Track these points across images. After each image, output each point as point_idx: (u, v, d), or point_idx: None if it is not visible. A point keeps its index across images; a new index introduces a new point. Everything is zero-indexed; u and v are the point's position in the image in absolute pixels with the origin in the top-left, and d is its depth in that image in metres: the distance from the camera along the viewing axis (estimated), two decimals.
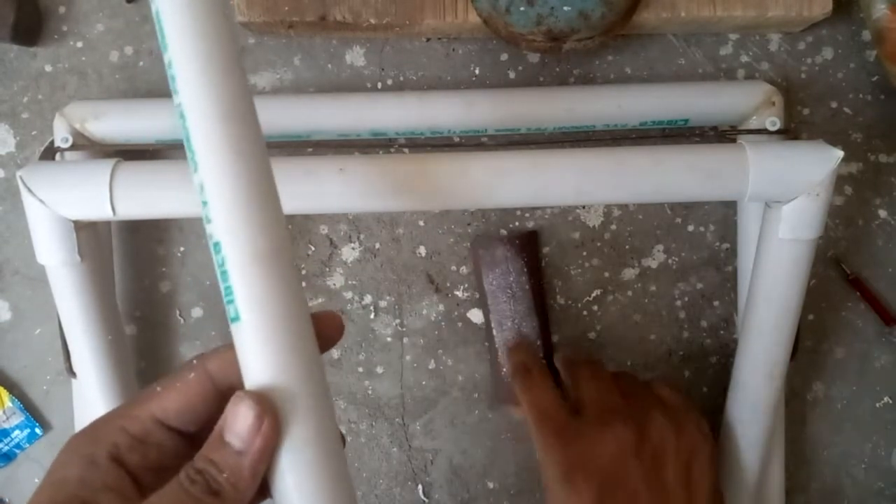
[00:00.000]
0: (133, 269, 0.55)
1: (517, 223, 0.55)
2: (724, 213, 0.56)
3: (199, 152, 0.27)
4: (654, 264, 0.56)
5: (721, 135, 0.52)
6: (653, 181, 0.44)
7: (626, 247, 0.56)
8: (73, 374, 0.50)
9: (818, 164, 0.43)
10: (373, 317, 0.56)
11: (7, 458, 0.56)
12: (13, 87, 0.54)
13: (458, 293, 0.56)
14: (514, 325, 0.52)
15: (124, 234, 0.55)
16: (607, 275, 0.56)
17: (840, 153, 0.44)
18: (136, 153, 0.53)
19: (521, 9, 0.45)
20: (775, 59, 0.54)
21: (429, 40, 0.54)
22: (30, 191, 0.43)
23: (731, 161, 0.44)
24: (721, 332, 0.56)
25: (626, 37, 0.54)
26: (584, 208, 0.56)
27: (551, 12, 0.45)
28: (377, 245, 0.55)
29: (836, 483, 0.57)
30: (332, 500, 0.26)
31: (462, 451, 0.57)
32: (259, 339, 0.26)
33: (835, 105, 0.55)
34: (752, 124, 0.51)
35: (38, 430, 0.55)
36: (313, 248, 0.55)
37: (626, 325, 0.56)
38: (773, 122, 0.49)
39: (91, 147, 0.50)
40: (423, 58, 0.54)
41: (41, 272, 0.48)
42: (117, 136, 0.50)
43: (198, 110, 0.27)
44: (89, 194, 0.43)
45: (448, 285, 0.56)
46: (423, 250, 0.55)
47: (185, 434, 0.28)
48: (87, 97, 0.54)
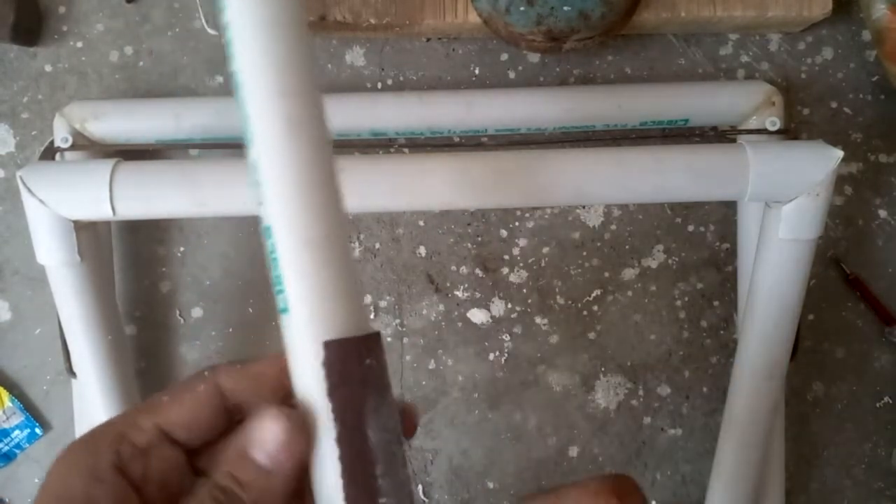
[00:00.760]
0: (133, 269, 0.55)
1: (517, 223, 0.55)
2: (724, 213, 0.56)
3: (256, 127, 0.25)
4: (654, 264, 0.56)
5: (721, 135, 0.52)
6: (653, 181, 0.44)
7: (626, 247, 0.56)
8: (73, 374, 0.50)
9: (818, 164, 0.43)
10: (373, 317, 0.56)
11: (7, 458, 0.56)
12: (13, 87, 0.54)
13: (458, 293, 0.56)
14: None
15: (124, 234, 0.55)
16: (607, 275, 0.56)
17: (840, 153, 0.44)
18: (136, 153, 0.53)
19: (521, 9, 0.45)
20: (775, 59, 0.54)
21: (429, 40, 0.54)
22: (30, 191, 0.43)
23: (731, 161, 0.44)
24: (721, 332, 0.56)
25: (626, 37, 0.54)
26: (584, 208, 0.56)
27: (551, 12, 0.45)
28: (377, 245, 0.55)
29: (836, 483, 0.57)
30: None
31: (462, 451, 0.57)
32: (308, 333, 0.24)
33: (835, 105, 0.55)
34: (752, 124, 0.51)
35: (38, 430, 0.55)
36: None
37: (626, 325, 0.56)
38: (773, 122, 0.49)
39: (91, 147, 0.50)
40: (423, 58, 0.54)
41: (41, 272, 0.48)
42: (117, 136, 0.50)
43: (257, 80, 0.25)
44: (89, 194, 0.43)
45: (448, 285, 0.56)
46: (423, 250, 0.55)
47: (187, 447, 0.26)
48: (87, 97, 0.54)
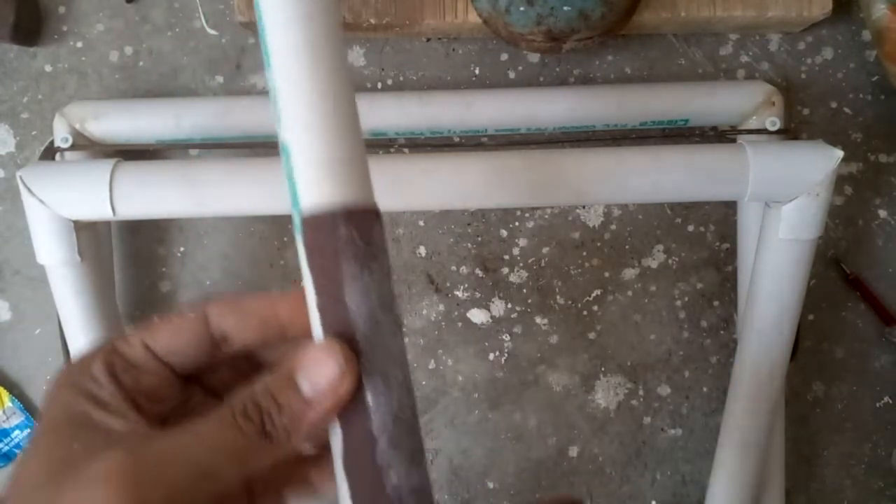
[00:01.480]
0: (133, 269, 0.55)
1: (517, 223, 0.55)
2: (724, 213, 0.56)
3: (274, 48, 0.25)
4: (654, 264, 0.56)
5: (721, 135, 0.52)
6: (653, 181, 0.44)
7: (626, 247, 0.56)
8: None
9: (818, 164, 0.43)
10: None
11: (7, 458, 0.56)
12: (13, 87, 0.54)
13: (458, 293, 0.56)
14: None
15: (124, 234, 0.55)
16: (607, 275, 0.56)
17: (840, 153, 0.44)
18: (136, 153, 0.53)
19: (521, 9, 0.45)
20: (775, 59, 0.54)
21: (429, 40, 0.54)
22: (30, 191, 0.43)
23: (731, 161, 0.44)
24: (721, 332, 0.56)
25: (626, 37, 0.54)
26: (584, 208, 0.56)
27: (551, 12, 0.45)
28: None
29: (836, 483, 0.57)
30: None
31: (462, 451, 0.57)
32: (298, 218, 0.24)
33: (835, 105, 0.55)
34: (752, 124, 0.51)
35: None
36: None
37: (626, 325, 0.56)
38: (773, 122, 0.49)
39: (91, 147, 0.50)
40: (423, 58, 0.54)
41: (41, 272, 0.48)
42: (117, 136, 0.50)
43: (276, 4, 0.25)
44: (89, 194, 0.43)
45: (448, 285, 0.56)
46: (423, 250, 0.55)
47: (178, 373, 0.27)
48: (87, 97, 0.54)
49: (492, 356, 0.56)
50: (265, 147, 0.52)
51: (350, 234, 0.24)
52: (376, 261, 0.24)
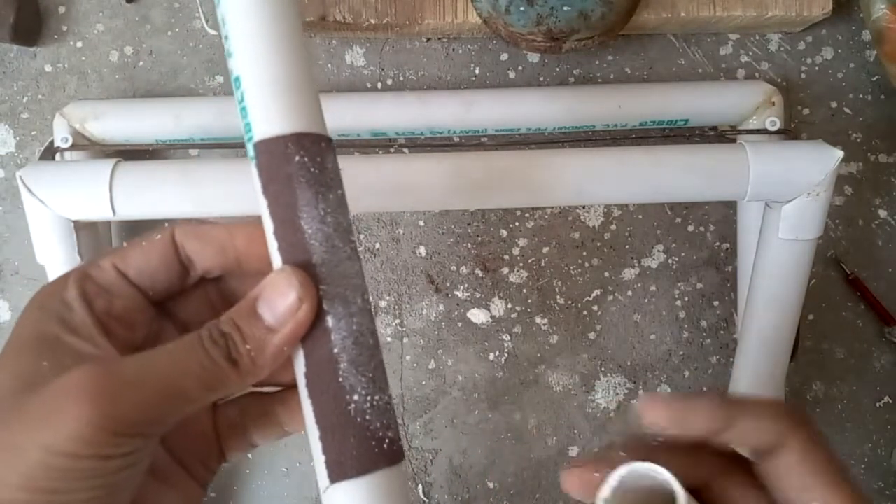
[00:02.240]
0: None
1: (517, 223, 0.55)
2: (724, 213, 0.56)
3: None
4: (654, 264, 0.56)
5: (721, 135, 0.52)
6: (653, 181, 0.44)
7: (626, 247, 0.56)
8: None
9: (818, 164, 0.43)
10: None
11: None
12: (13, 87, 0.54)
13: (458, 293, 0.56)
14: None
15: (124, 234, 0.55)
16: (607, 275, 0.56)
17: (840, 153, 0.44)
18: (136, 153, 0.53)
19: (521, 9, 0.45)
20: (775, 59, 0.54)
21: (429, 40, 0.54)
22: (30, 191, 0.43)
23: (731, 161, 0.44)
24: (721, 332, 0.56)
25: (626, 37, 0.54)
26: (584, 208, 0.56)
27: (551, 12, 0.45)
28: (377, 245, 0.55)
29: None
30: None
31: (462, 451, 0.57)
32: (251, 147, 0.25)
33: (835, 105, 0.55)
34: (752, 124, 0.51)
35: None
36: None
37: (626, 325, 0.56)
38: (773, 122, 0.49)
39: (91, 147, 0.50)
40: (423, 58, 0.54)
41: (41, 272, 0.48)
42: (117, 136, 0.50)
43: None
44: (89, 194, 0.43)
45: (448, 285, 0.56)
46: (423, 250, 0.55)
47: (150, 296, 0.27)
48: (87, 97, 0.54)
49: (492, 356, 0.56)
50: None
51: (302, 159, 0.24)
52: (330, 188, 0.24)
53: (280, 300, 0.23)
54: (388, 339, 0.56)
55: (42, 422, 0.21)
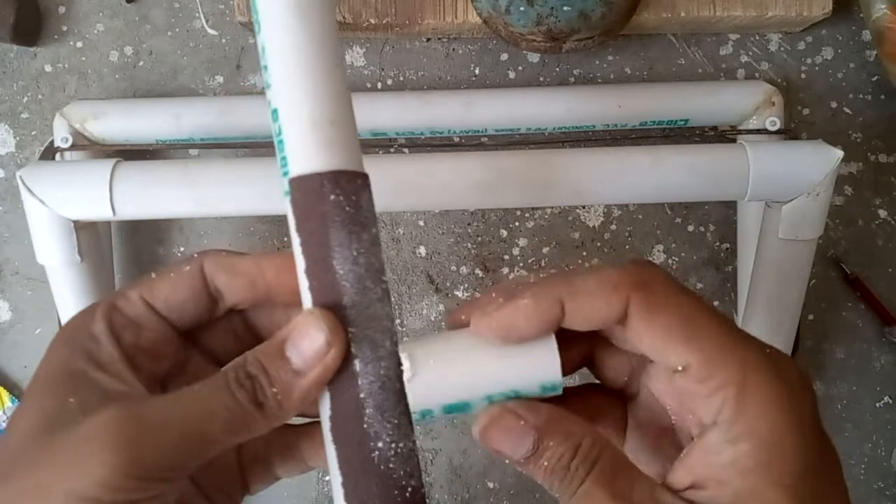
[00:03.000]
0: (133, 269, 0.55)
1: (517, 223, 0.55)
2: (724, 213, 0.56)
3: (263, 11, 0.25)
4: None
5: (721, 135, 0.52)
6: (653, 181, 0.44)
7: (626, 247, 0.56)
8: None
9: (818, 164, 0.43)
10: None
11: None
12: (13, 87, 0.54)
13: (458, 293, 0.56)
14: None
15: (124, 234, 0.55)
16: None
17: (840, 153, 0.44)
18: (136, 153, 0.53)
19: (521, 9, 0.45)
20: (775, 59, 0.54)
21: (429, 40, 0.54)
22: (30, 191, 0.43)
23: (731, 161, 0.44)
24: None
25: (626, 37, 0.54)
26: (584, 208, 0.56)
27: (551, 12, 0.45)
28: None
29: None
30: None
31: (462, 451, 0.57)
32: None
33: (835, 105, 0.55)
34: (752, 124, 0.51)
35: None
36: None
37: None
38: (773, 122, 0.49)
39: (91, 147, 0.50)
40: (423, 58, 0.54)
41: (41, 272, 0.48)
42: (117, 136, 0.50)
43: None
44: (89, 194, 0.43)
45: (448, 285, 0.56)
46: (423, 250, 0.55)
47: (177, 328, 0.27)
48: (87, 97, 0.54)
49: None
50: (265, 147, 0.52)
51: (338, 198, 0.24)
52: (365, 227, 0.24)
53: (308, 343, 0.23)
54: None
55: (68, 466, 0.21)
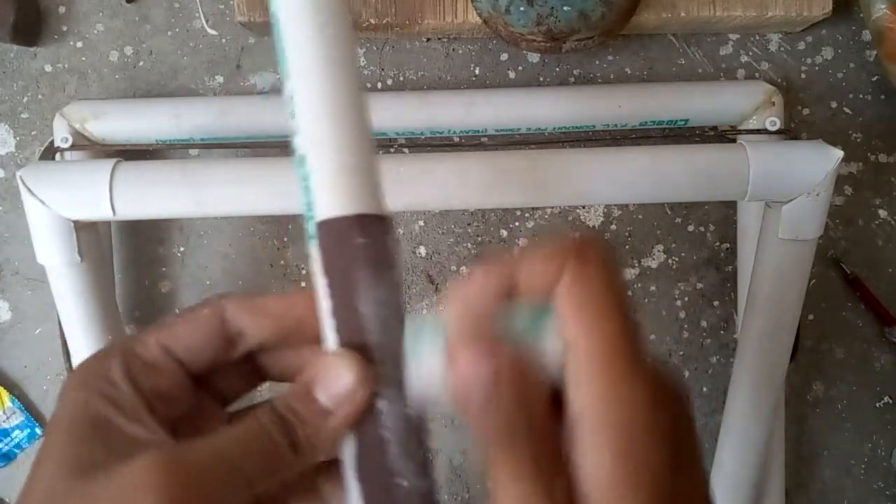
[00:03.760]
0: (133, 269, 0.55)
1: (517, 223, 0.55)
2: (724, 213, 0.56)
3: (292, 59, 0.25)
4: (654, 264, 0.56)
5: (721, 135, 0.52)
6: (653, 181, 0.44)
7: (626, 247, 0.56)
8: None
9: (818, 164, 0.43)
10: None
11: (7, 458, 0.56)
12: (13, 87, 0.54)
13: None
14: None
15: (124, 234, 0.55)
16: None
17: (840, 153, 0.44)
18: (136, 153, 0.53)
19: (521, 9, 0.45)
20: (775, 59, 0.54)
21: (429, 40, 0.54)
22: (30, 191, 0.43)
23: (731, 161, 0.44)
24: (721, 332, 0.56)
25: (626, 37, 0.54)
26: (584, 208, 0.56)
27: (551, 12, 0.45)
28: None
29: (836, 483, 0.57)
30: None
31: (462, 451, 0.57)
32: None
33: (835, 105, 0.55)
34: (752, 124, 0.51)
35: (38, 430, 0.55)
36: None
37: None
38: (773, 122, 0.49)
39: (91, 147, 0.50)
40: (423, 58, 0.54)
41: (41, 272, 0.48)
42: (117, 136, 0.50)
43: (293, 15, 0.25)
44: (89, 194, 0.43)
45: (448, 285, 0.56)
46: (423, 250, 0.55)
47: (193, 373, 0.26)
48: (87, 97, 0.54)
49: None
50: (265, 147, 0.52)
51: (365, 241, 0.24)
52: (389, 270, 0.24)
53: (337, 383, 0.23)
54: None
55: None
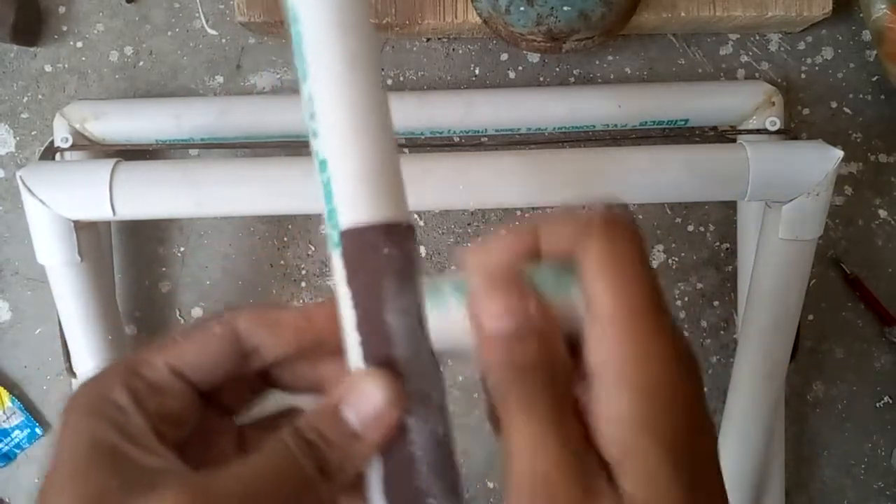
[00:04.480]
0: (133, 269, 0.55)
1: (517, 223, 0.55)
2: (724, 213, 0.56)
3: (312, 60, 0.24)
4: (654, 264, 0.56)
5: (721, 135, 0.52)
6: (653, 181, 0.44)
7: None
8: (73, 374, 0.50)
9: (818, 164, 0.43)
10: None
11: (7, 458, 0.56)
12: (13, 87, 0.54)
13: None
14: None
15: (124, 234, 0.55)
16: None
17: (840, 153, 0.44)
18: (136, 153, 0.53)
19: (521, 9, 0.45)
20: (775, 59, 0.54)
21: (429, 40, 0.54)
22: (30, 191, 0.43)
23: (731, 161, 0.44)
24: (721, 332, 0.56)
25: (626, 37, 0.54)
26: (584, 208, 0.55)
27: (551, 12, 0.45)
28: None
29: (836, 483, 0.57)
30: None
31: (462, 451, 0.57)
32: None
33: (835, 105, 0.55)
34: (752, 124, 0.51)
35: (38, 430, 0.55)
36: (313, 248, 0.55)
37: None
38: (773, 122, 0.49)
39: (91, 147, 0.50)
40: (423, 58, 0.54)
41: (41, 272, 0.48)
42: (117, 136, 0.50)
43: (312, 12, 0.24)
44: (89, 194, 0.43)
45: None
46: (422, 250, 0.55)
47: (200, 389, 0.25)
48: (87, 97, 0.54)
49: None
50: (265, 147, 0.52)
51: (391, 250, 0.23)
52: (414, 279, 0.23)
53: (367, 403, 0.22)
54: None
55: None
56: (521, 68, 0.54)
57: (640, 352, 0.21)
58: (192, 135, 0.50)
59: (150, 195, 0.44)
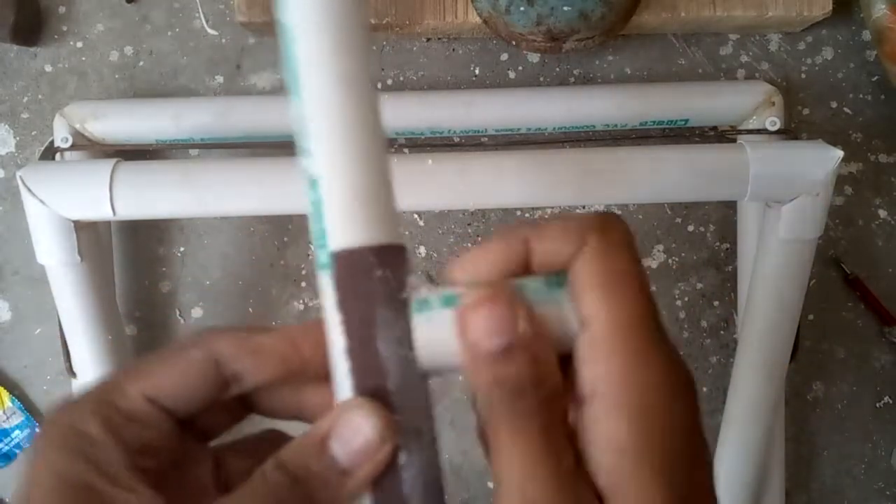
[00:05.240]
0: (133, 269, 0.55)
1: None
2: (724, 213, 0.56)
3: (304, 77, 0.23)
4: (654, 264, 0.56)
5: (721, 135, 0.52)
6: (653, 181, 0.44)
7: None
8: (73, 374, 0.50)
9: (818, 164, 0.43)
10: None
11: (7, 458, 0.56)
12: (13, 87, 0.54)
13: None
14: None
15: (124, 234, 0.55)
16: None
17: (840, 153, 0.44)
18: (136, 153, 0.53)
19: (521, 9, 0.45)
20: (775, 59, 0.54)
21: (429, 40, 0.54)
22: (30, 191, 0.43)
23: (731, 161, 0.44)
24: (721, 332, 0.56)
25: (626, 37, 0.54)
26: (584, 208, 0.56)
27: (551, 12, 0.45)
28: None
29: (836, 483, 0.57)
30: None
31: (462, 451, 0.57)
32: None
33: (835, 105, 0.55)
34: (752, 124, 0.51)
35: (38, 430, 0.55)
36: (314, 249, 0.55)
37: None
38: (773, 122, 0.49)
39: (91, 147, 0.50)
40: (423, 58, 0.54)
41: (41, 272, 0.48)
42: (117, 136, 0.50)
43: (308, 31, 0.23)
44: (89, 194, 0.43)
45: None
46: (423, 250, 0.55)
47: (176, 417, 0.24)
48: (87, 97, 0.54)
49: None
50: (265, 147, 0.52)
51: (385, 274, 0.22)
52: (406, 304, 0.22)
53: (356, 438, 0.21)
54: None
55: None
56: (521, 68, 0.54)
57: (636, 375, 0.20)
58: (191, 135, 0.50)
59: (150, 195, 0.44)
